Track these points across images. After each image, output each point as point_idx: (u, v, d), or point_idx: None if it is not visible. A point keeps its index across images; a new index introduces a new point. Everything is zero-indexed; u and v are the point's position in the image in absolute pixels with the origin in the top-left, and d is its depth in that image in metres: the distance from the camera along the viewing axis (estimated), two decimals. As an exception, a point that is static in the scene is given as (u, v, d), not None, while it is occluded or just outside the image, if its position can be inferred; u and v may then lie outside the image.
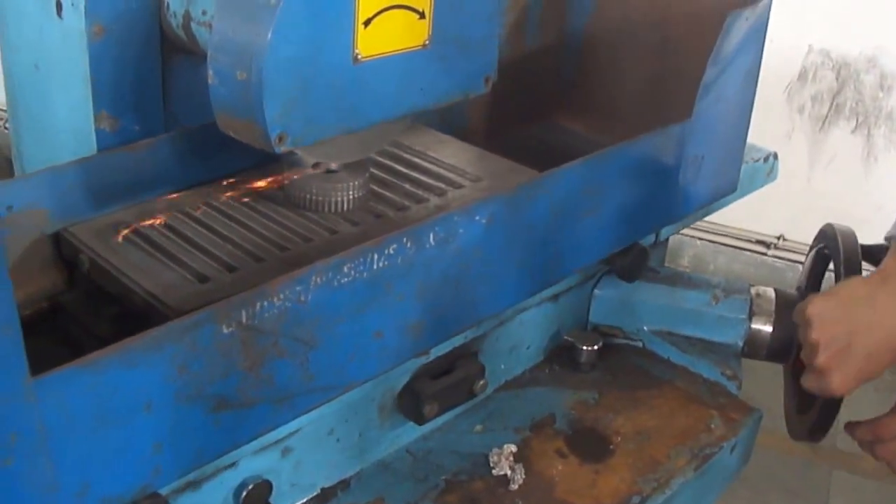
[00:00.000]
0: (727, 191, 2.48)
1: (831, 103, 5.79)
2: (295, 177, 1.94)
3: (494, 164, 2.19)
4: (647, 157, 2.16)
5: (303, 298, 1.56)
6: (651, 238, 2.40)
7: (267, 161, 2.01)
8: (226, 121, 1.67)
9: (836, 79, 5.72)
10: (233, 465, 1.66)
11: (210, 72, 1.63)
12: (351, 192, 1.95)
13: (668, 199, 2.28)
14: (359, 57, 1.68)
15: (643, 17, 2.56)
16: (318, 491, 1.88)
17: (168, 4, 1.89)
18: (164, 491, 1.53)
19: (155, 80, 1.97)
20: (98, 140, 1.89)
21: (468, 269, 1.84)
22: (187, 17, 1.84)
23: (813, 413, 2.14)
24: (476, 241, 1.83)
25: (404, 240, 1.69)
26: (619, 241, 2.23)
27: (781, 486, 4.68)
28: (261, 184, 2.00)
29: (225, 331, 1.47)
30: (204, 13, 1.80)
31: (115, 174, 1.85)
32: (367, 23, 1.66)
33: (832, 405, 2.07)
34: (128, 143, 1.92)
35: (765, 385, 2.41)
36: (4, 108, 2.52)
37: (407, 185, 2.07)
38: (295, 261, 1.75)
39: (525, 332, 2.21)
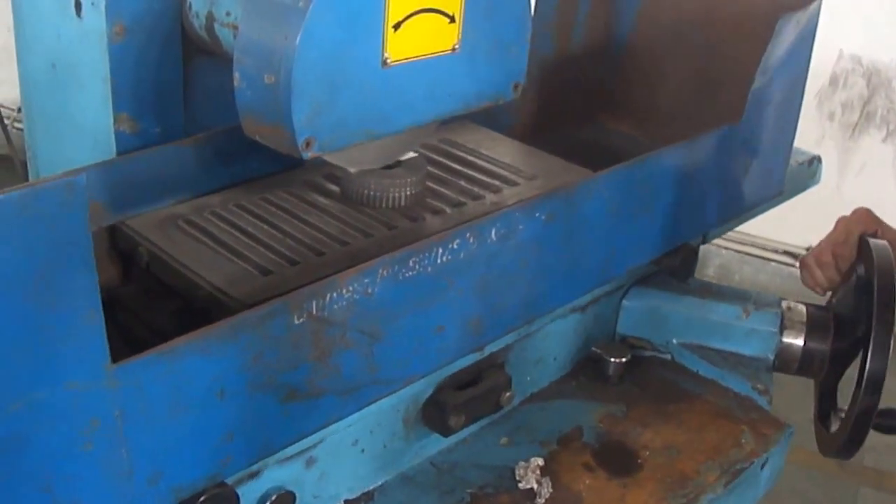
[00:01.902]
0: (773, 193, 2.55)
1: (862, 110, 5.80)
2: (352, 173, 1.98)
3: (547, 163, 2.26)
4: (698, 159, 2.23)
5: (369, 291, 1.63)
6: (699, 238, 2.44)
7: (293, 166, 2.06)
8: (252, 125, 1.68)
9: (867, 86, 5.74)
10: (256, 474, 1.68)
11: (236, 75, 1.65)
12: (408, 189, 2.01)
13: (717, 200, 2.35)
14: (388, 61, 1.69)
15: (688, 20, 2.61)
16: (342, 503, 1.90)
17: (190, 5, 1.90)
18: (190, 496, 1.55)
19: (176, 81, 1.98)
20: (117, 142, 1.90)
21: (526, 266, 1.92)
22: (210, 18, 1.85)
23: (844, 429, 2.15)
24: (535, 237, 1.91)
25: (467, 235, 1.76)
26: (670, 240, 2.31)
27: (807, 501, 4.71)
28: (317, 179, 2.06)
29: (296, 321, 1.54)
30: (228, 14, 1.81)
31: (145, 174, 1.88)
32: (396, 26, 1.67)
33: (864, 421, 2.07)
34: (147, 145, 1.95)
35: (793, 399, 2.43)
36: (18, 107, 2.53)
37: (462, 182, 2.13)
38: (355, 255, 1.83)
39: (552, 344, 2.22)
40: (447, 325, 1.82)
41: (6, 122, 2.34)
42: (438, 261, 1.73)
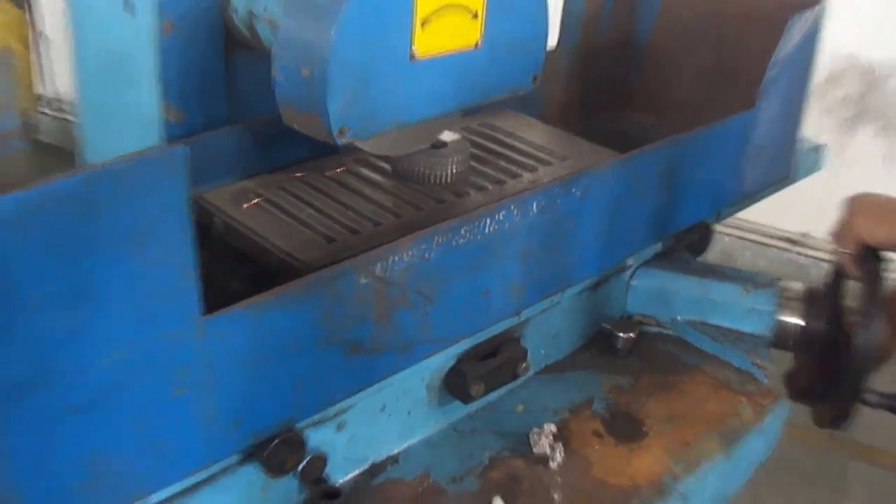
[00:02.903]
0: (782, 176, 2.60)
1: (856, 107, 5.78)
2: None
3: (578, 145, 2.32)
4: (716, 143, 2.28)
5: (426, 256, 1.70)
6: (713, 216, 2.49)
7: (327, 152, 2.08)
8: (290, 114, 1.71)
9: (862, 83, 5.71)
10: (291, 436, 1.71)
11: (275, 68, 1.68)
12: (454, 167, 2.06)
13: (731, 181, 2.38)
14: (415, 55, 1.70)
15: (703, 18, 2.66)
16: (369, 465, 1.89)
17: (232, 3, 1.91)
18: (234, 453, 1.60)
19: (219, 73, 1.99)
20: (165, 130, 1.91)
21: (562, 237, 1.97)
22: (250, 14, 1.86)
23: (836, 402, 2.12)
24: (571, 211, 1.96)
25: (511, 207, 1.83)
26: (689, 217, 2.36)
27: (800, 475, 4.68)
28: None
29: (362, 281, 1.61)
30: (265, 10, 1.82)
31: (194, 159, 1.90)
32: (424, 23, 1.68)
33: (853, 396, 2.05)
34: (192, 133, 1.96)
35: None
36: (66, 100, 2.52)
37: (502, 162, 2.18)
38: (408, 226, 1.85)
39: (566, 320, 2.22)
40: (492, 289, 1.87)
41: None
42: (486, 230, 1.79)
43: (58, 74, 2.03)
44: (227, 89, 2.02)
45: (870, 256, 2.15)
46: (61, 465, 1.33)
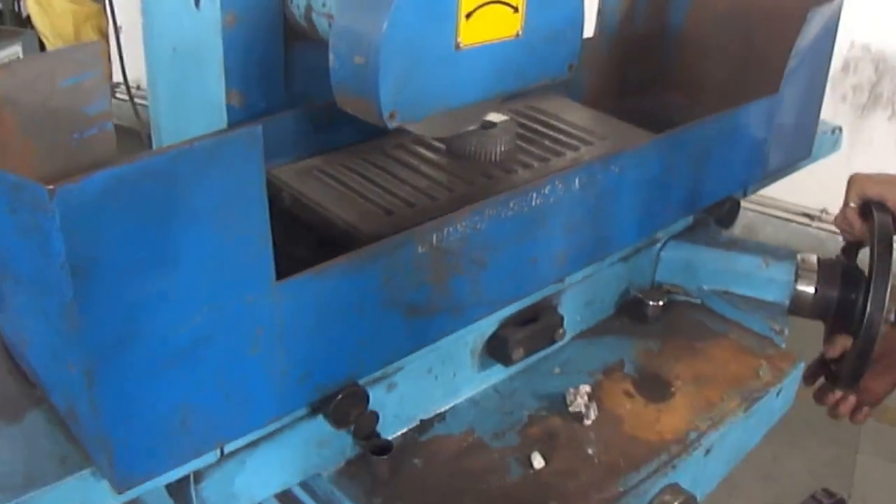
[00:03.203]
0: (803, 155, 2.62)
1: (870, 93, 5.79)
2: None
3: (616, 126, 2.34)
4: (744, 124, 2.29)
5: (479, 227, 1.75)
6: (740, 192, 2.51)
7: (379, 135, 2.11)
8: (344, 99, 1.73)
9: (875, 71, 5.72)
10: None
11: (331, 56, 1.69)
12: (502, 146, 2.09)
13: (757, 159, 2.40)
14: (460, 45, 1.73)
15: (732, 9, 2.67)
16: (418, 422, 1.93)
17: (291, -3, 1.94)
18: (303, 406, 1.67)
19: (278, 62, 2.01)
20: (229, 114, 1.94)
21: (602, 210, 2.01)
22: (308, 9, 1.89)
23: (848, 363, 2.18)
24: (610, 186, 2.00)
25: (556, 182, 1.86)
26: (719, 193, 2.39)
27: (816, 430, 4.65)
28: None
29: (420, 250, 1.67)
30: (324, 5, 1.85)
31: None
32: (468, 15, 1.71)
33: (864, 356, 2.10)
34: (254, 117, 1.98)
35: (808, 339, 2.45)
36: (137, 85, 2.56)
37: (546, 142, 2.21)
38: (460, 199, 1.91)
39: (599, 289, 2.24)
40: (539, 257, 1.92)
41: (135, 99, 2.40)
42: (533, 203, 1.83)
43: (131, 63, 2.06)
44: (285, 76, 2.04)
45: (870, 211, 2.22)
46: (151, 414, 1.38)
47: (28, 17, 7.27)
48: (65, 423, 1.51)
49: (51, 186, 1.16)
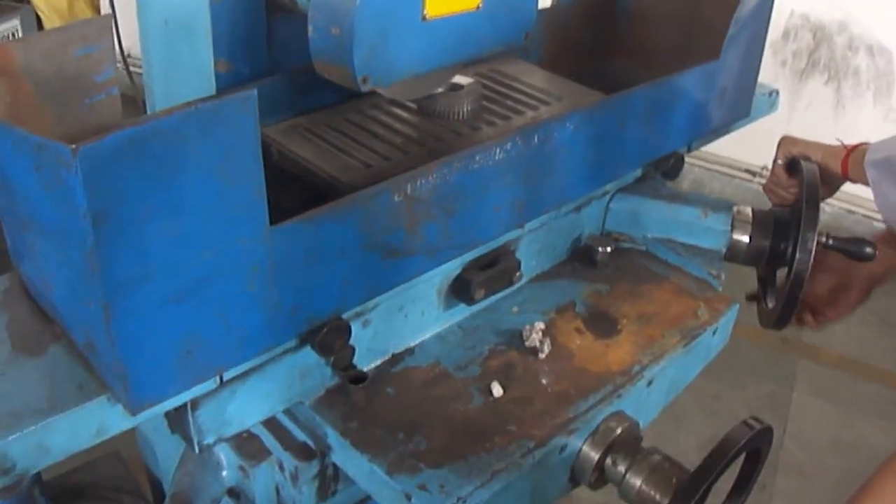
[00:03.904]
0: (743, 115, 2.66)
1: (808, 59, 5.89)
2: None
3: (571, 88, 2.39)
4: (688, 86, 2.33)
5: (448, 178, 1.81)
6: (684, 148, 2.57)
7: (353, 97, 2.18)
8: (321, 66, 1.79)
9: (813, 39, 5.82)
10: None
11: (310, 28, 1.75)
12: (469, 105, 2.16)
13: (700, 118, 2.45)
14: (426, 16, 1.80)
15: None
16: (389, 356, 2.00)
17: (273, -28, 1.95)
18: (293, 337, 1.75)
19: (262, 32, 2.05)
20: (217, 81, 1.98)
21: (558, 164, 2.06)
22: None
23: (778, 305, 2.25)
24: (565, 142, 2.05)
25: (517, 138, 1.92)
26: (665, 148, 2.43)
27: (755, 371, 4.79)
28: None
29: (396, 199, 1.73)
30: None
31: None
32: None
33: (793, 299, 2.17)
34: (240, 83, 2.05)
35: (744, 284, 2.56)
36: (128, 54, 2.61)
37: (508, 102, 2.27)
38: (431, 154, 1.98)
39: (553, 236, 2.29)
40: (500, 206, 1.98)
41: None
42: (496, 157, 1.89)
43: (125, 33, 2.11)
44: (268, 45, 2.09)
45: (797, 165, 2.32)
46: (161, 344, 1.47)
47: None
48: (83, 356, 1.60)
49: (73, 145, 1.24)
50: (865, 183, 2.37)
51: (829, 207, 6.10)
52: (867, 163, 2.34)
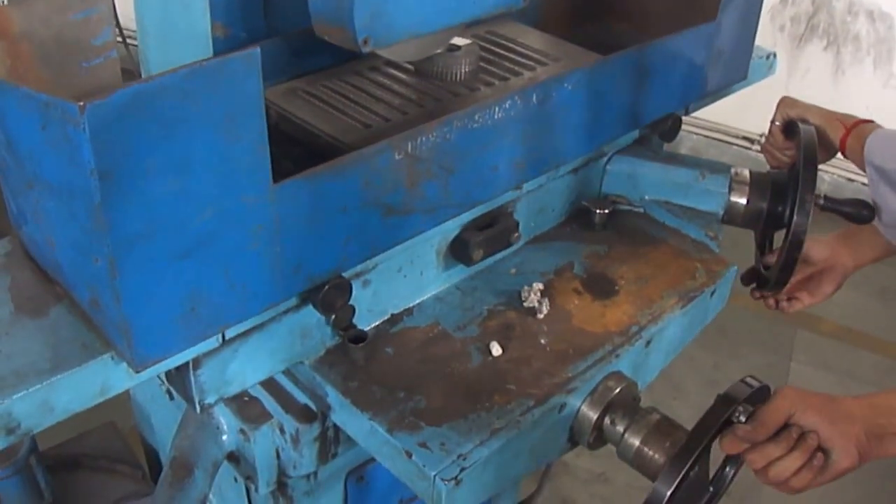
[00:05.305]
0: (739, 78, 2.69)
1: (807, 24, 5.92)
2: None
3: (569, 49, 2.45)
4: (684, 48, 2.37)
5: (448, 137, 1.85)
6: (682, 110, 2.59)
7: (351, 59, 2.21)
8: (321, 28, 1.84)
9: (812, 4, 5.85)
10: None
11: None
12: (467, 66, 2.22)
13: (697, 80, 2.48)
14: None
15: None
16: (389, 316, 2.04)
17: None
18: (295, 295, 1.79)
19: None
20: (214, 45, 1.92)
21: (556, 123, 2.10)
22: None
23: (776, 268, 2.29)
24: (563, 102, 2.08)
25: (515, 98, 1.96)
26: (662, 109, 2.45)
27: (754, 340, 4.83)
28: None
29: (397, 157, 1.77)
30: None
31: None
32: None
33: (791, 260, 2.21)
34: (236, 47, 1.94)
35: (741, 246, 2.58)
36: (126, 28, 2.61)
37: (506, 63, 2.33)
38: (430, 114, 2.03)
39: (551, 198, 2.32)
40: (499, 165, 2.01)
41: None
42: (495, 116, 1.92)
43: (120, 4, 2.13)
44: (265, 9, 2.12)
45: (794, 129, 2.35)
46: (166, 301, 1.51)
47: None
48: (86, 316, 1.64)
49: (81, 103, 1.27)
50: (862, 166, 2.40)
51: (828, 176, 6.16)
52: (867, 162, 2.37)
